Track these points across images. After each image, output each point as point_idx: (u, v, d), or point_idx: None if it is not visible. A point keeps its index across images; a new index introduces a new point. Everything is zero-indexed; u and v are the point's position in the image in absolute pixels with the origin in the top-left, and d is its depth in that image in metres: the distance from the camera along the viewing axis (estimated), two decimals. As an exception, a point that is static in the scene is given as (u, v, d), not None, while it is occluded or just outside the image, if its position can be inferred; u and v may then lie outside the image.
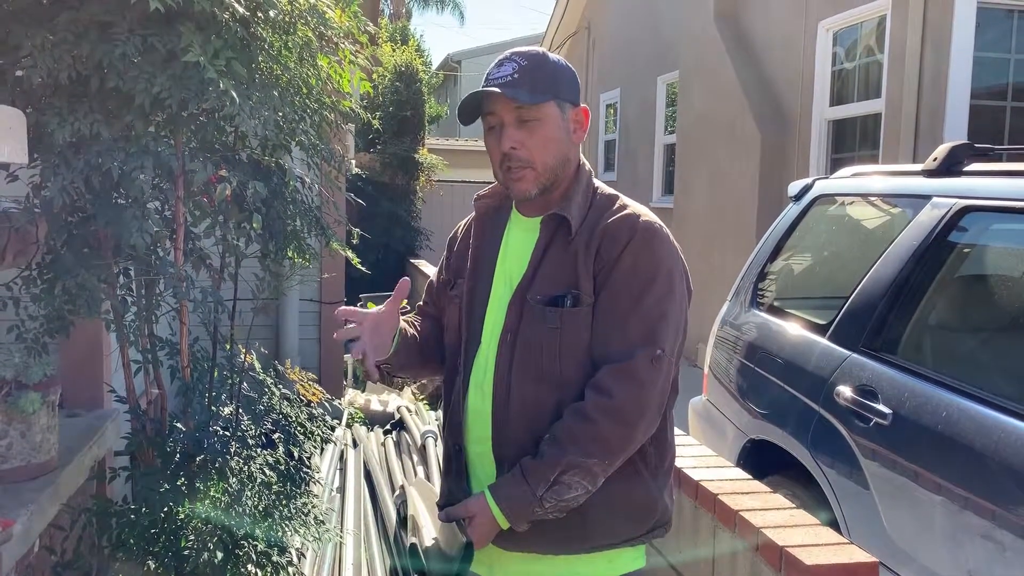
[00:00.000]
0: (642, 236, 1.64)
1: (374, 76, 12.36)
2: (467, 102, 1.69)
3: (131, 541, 2.31)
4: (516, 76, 1.64)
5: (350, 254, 3.08)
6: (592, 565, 1.68)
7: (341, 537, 3.52)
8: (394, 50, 13.78)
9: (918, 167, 3.17)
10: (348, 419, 6.11)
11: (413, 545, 1.60)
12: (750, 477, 2.38)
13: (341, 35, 2.70)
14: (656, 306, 1.61)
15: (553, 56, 1.72)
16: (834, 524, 2.76)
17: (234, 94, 2.11)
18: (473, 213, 1.87)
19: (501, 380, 1.68)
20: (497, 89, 1.63)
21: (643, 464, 1.67)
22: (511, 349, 1.67)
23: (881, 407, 2.65)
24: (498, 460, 1.69)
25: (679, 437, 2.28)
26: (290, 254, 2.78)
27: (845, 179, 3.65)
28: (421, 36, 33.72)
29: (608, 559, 1.69)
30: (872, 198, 3.49)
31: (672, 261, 1.66)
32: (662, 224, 1.69)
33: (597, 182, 1.78)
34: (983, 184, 2.78)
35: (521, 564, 1.71)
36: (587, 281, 1.63)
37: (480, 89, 1.66)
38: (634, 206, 1.71)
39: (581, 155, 1.78)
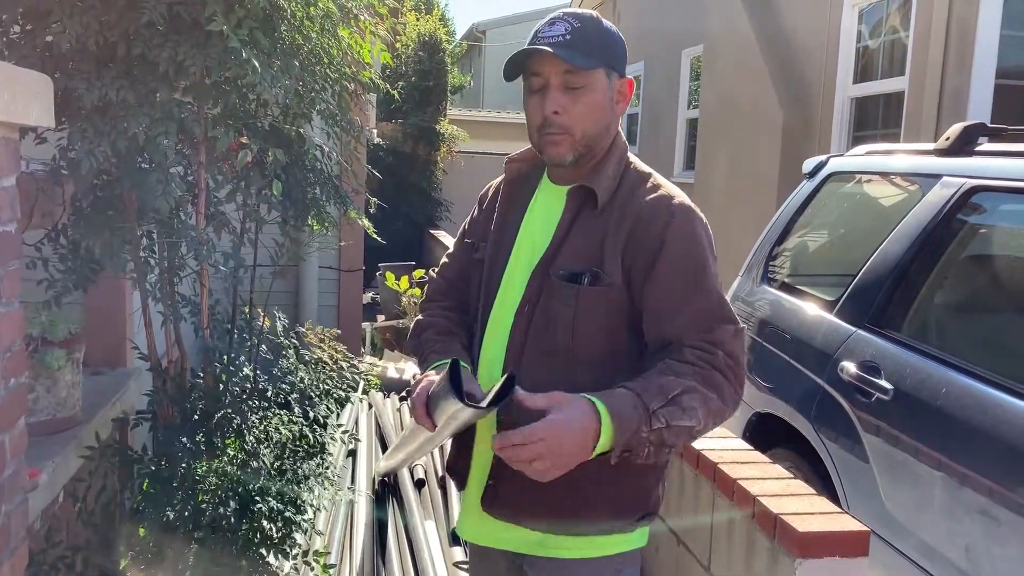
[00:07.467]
0: (682, 218, 1.57)
1: (397, 46, 12.35)
2: (514, 58, 1.59)
3: (152, 491, 2.40)
4: (568, 37, 1.55)
5: (366, 223, 3.12)
6: (569, 544, 1.65)
7: (354, 498, 3.61)
8: (418, 19, 13.75)
9: (931, 146, 3.18)
10: (365, 385, 6.20)
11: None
12: (750, 447, 2.43)
13: (362, 7, 2.74)
14: (716, 286, 1.56)
15: (606, 22, 1.63)
16: (835, 497, 2.82)
17: (256, 63, 2.15)
18: (503, 175, 1.82)
19: (513, 351, 1.64)
20: (549, 49, 1.54)
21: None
22: (527, 321, 1.63)
23: (883, 383, 2.69)
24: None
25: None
26: (310, 222, 2.83)
27: (859, 157, 3.66)
28: (446, 5, 33.53)
29: (597, 545, 1.65)
30: (885, 176, 3.50)
31: (710, 242, 1.61)
32: (692, 203, 1.64)
33: (632, 157, 1.71)
34: (993, 164, 2.79)
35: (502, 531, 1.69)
36: (613, 261, 1.57)
37: (529, 47, 1.57)
38: (667, 186, 1.64)
39: (620, 128, 1.71)
